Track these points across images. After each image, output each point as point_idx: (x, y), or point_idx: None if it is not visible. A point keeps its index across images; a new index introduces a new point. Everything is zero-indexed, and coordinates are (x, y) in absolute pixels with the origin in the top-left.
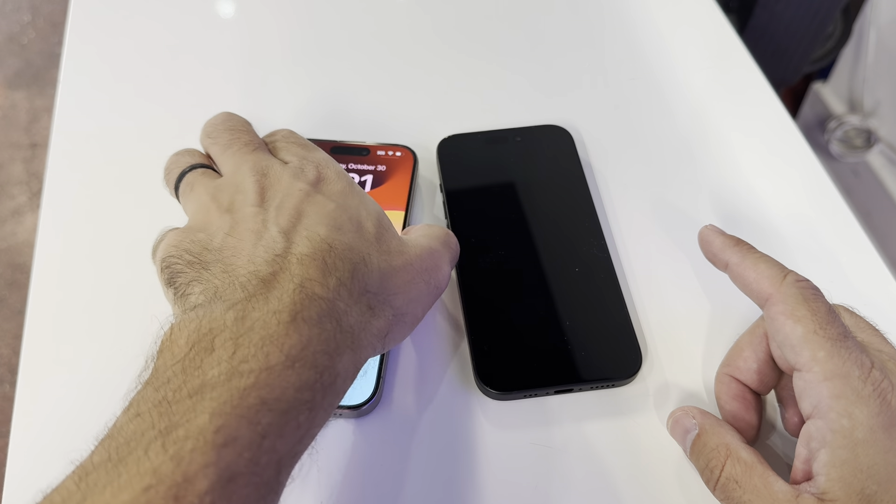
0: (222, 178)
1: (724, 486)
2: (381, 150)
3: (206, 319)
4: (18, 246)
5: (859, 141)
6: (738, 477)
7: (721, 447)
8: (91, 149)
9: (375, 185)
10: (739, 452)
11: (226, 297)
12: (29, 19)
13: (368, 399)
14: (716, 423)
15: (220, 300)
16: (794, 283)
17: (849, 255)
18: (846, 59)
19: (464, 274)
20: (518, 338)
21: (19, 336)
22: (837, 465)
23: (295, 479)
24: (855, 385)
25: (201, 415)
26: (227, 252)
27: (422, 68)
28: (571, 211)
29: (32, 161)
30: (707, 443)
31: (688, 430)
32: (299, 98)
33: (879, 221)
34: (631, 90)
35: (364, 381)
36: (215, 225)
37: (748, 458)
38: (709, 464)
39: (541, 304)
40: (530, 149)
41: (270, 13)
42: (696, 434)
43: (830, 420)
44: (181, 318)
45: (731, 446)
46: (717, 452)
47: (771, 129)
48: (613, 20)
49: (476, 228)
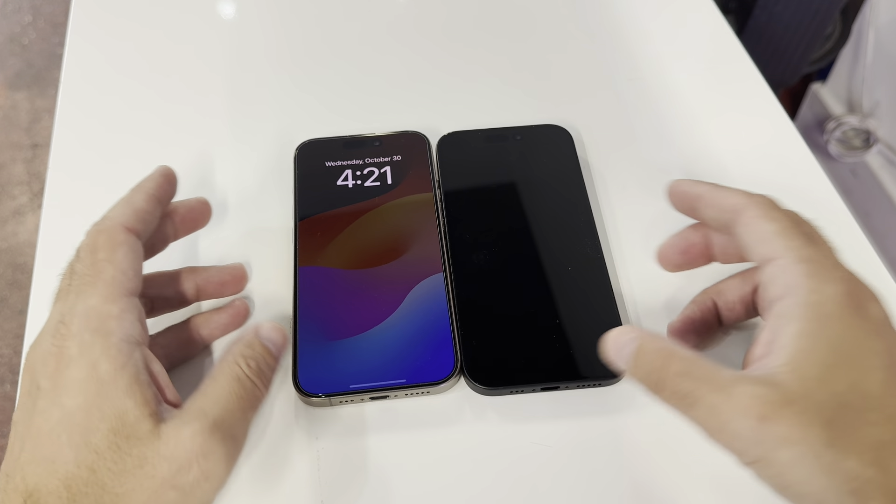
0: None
1: (671, 384)
2: (393, 138)
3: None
4: (20, 246)
5: (858, 141)
6: (685, 369)
7: (662, 350)
8: (92, 149)
9: (396, 175)
10: (681, 352)
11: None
12: (30, 20)
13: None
14: (654, 335)
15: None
16: (764, 197)
17: (848, 256)
18: (845, 60)
19: (456, 269)
20: (507, 333)
21: (20, 336)
22: (805, 336)
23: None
24: (828, 267)
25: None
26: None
27: (422, 65)
28: (568, 210)
29: (33, 161)
30: (647, 350)
31: (625, 344)
32: (300, 96)
33: (878, 222)
34: (630, 90)
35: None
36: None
37: (690, 354)
38: (651, 369)
39: (531, 302)
40: (529, 148)
41: (272, 12)
42: (636, 346)
43: (801, 296)
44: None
45: (672, 348)
46: (658, 355)
47: (770, 130)
48: (613, 21)
49: (471, 225)
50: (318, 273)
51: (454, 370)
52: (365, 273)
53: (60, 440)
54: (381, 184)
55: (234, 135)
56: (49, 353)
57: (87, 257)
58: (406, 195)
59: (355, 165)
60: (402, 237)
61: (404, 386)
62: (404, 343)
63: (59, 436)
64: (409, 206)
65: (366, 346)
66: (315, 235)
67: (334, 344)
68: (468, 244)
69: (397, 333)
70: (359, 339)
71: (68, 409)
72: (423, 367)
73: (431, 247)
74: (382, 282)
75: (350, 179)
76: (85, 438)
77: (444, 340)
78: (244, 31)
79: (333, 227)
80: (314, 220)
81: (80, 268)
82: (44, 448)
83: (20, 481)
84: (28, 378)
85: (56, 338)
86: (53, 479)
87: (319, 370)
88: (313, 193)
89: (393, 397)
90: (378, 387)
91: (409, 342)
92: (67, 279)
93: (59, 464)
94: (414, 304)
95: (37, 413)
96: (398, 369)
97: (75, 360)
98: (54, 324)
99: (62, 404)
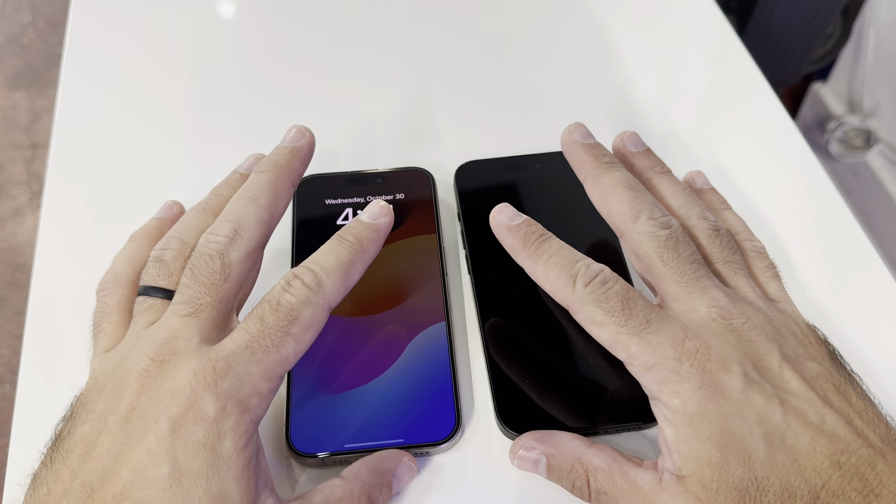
0: (122, 347)
1: (597, 499)
2: (396, 175)
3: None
4: (19, 246)
5: (859, 141)
6: (605, 488)
7: (576, 465)
8: (91, 149)
9: (398, 213)
10: (594, 462)
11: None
12: (29, 20)
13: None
14: (556, 443)
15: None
16: (584, 293)
17: (848, 256)
18: (846, 60)
19: (483, 307)
20: (540, 377)
21: (20, 336)
22: (683, 441)
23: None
24: (672, 366)
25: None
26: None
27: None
28: (595, 240)
29: (33, 161)
30: (561, 467)
31: (536, 461)
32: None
33: (879, 222)
34: (631, 91)
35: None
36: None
37: (603, 463)
38: (574, 484)
39: (564, 342)
40: (551, 175)
41: (276, 17)
42: (545, 463)
43: (664, 402)
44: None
45: (584, 459)
46: (575, 472)
47: (770, 130)
48: (614, 22)
49: (496, 259)
50: None
51: (455, 430)
52: (363, 321)
53: (162, 495)
54: None
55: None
56: (183, 394)
57: (284, 321)
58: (408, 236)
59: (357, 204)
60: (403, 283)
61: (402, 447)
62: (403, 399)
63: (164, 489)
64: (411, 248)
65: (362, 401)
66: None
67: (329, 399)
68: (494, 280)
69: (396, 388)
70: (355, 394)
71: (181, 468)
72: (423, 426)
73: (434, 294)
74: (382, 331)
75: (351, 219)
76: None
77: (446, 397)
78: (245, 30)
79: None
80: None
81: (271, 323)
82: (144, 492)
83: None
84: (139, 390)
85: (198, 380)
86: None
87: (313, 428)
88: (312, 233)
89: None
90: (374, 447)
91: (407, 398)
92: (257, 323)
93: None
94: (414, 356)
95: (144, 448)
96: (396, 428)
97: (206, 423)
98: (204, 360)
99: (176, 459)
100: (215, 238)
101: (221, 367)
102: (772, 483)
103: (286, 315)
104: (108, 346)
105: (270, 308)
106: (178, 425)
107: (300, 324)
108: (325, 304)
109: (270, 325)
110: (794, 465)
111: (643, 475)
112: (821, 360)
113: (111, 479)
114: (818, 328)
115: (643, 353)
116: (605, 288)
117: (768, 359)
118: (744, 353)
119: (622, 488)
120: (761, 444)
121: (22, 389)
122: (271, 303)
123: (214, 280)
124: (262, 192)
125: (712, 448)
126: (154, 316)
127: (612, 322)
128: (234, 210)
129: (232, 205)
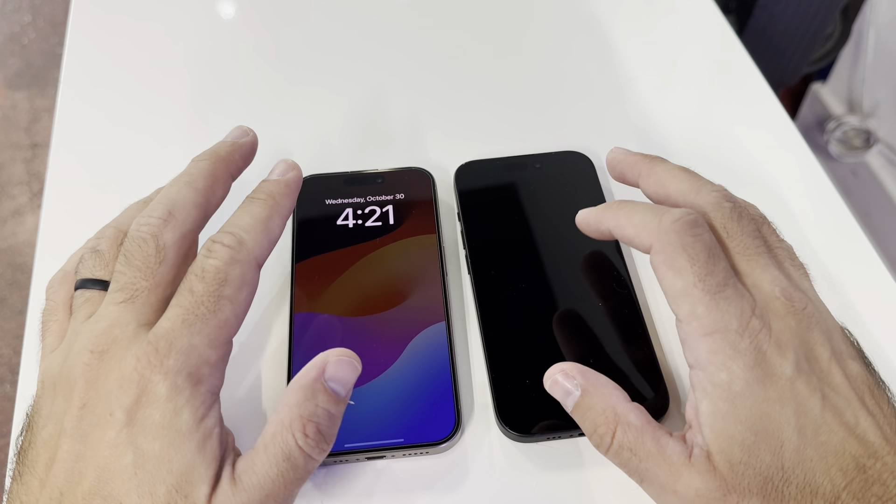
0: (64, 345)
1: (616, 453)
2: (396, 175)
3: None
4: (19, 246)
5: (858, 141)
6: (631, 444)
7: (608, 411)
8: (91, 149)
9: (398, 214)
10: (628, 417)
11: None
12: (29, 20)
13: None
14: (598, 384)
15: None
16: (671, 229)
17: (848, 256)
18: (845, 60)
19: (483, 307)
20: (540, 377)
21: (20, 336)
22: (719, 417)
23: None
24: (732, 339)
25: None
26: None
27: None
28: (594, 241)
29: (33, 161)
30: (592, 406)
31: (569, 392)
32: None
33: (878, 222)
34: (631, 92)
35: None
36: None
37: (637, 421)
38: (597, 429)
39: (564, 342)
40: (551, 176)
41: (276, 18)
42: (576, 397)
43: (710, 374)
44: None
45: (619, 410)
46: (604, 417)
47: (770, 130)
48: (613, 23)
49: (496, 259)
50: (315, 320)
51: (455, 430)
52: (364, 321)
53: (129, 484)
54: (382, 224)
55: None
56: (131, 381)
57: (213, 285)
58: (408, 236)
59: (357, 204)
60: (403, 282)
61: (401, 446)
62: (403, 399)
63: (130, 478)
64: (411, 248)
65: (362, 401)
66: (312, 279)
67: None
68: (493, 280)
69: (396, 388)
70: (355, 394)
71: (143, 453)
72: (423, 425)
73: (434, 293)
74: (382, 330)
75: (351, 219)
76: (152, 488)
77: (445, 397)
78: (245, 32)
79: (332, 270)
80: (312, 263)
81: (201, 291)
82: (112, 485)
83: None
84: (86, 386)
85: (143, 364)
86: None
87: None
88: (312, 233)
89: (390, 457)
90: (374, 447)
91: (407, 398)
92: (187, 295)
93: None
94: (414, 355)
95: (105, 443)
96: (396, 428)
97: (160, 403)
98: (144, 344)
99: (137, 445)
100: (148, 220)
101: (163, 346)
102: (797, 475)
103: (214, 279)
104: (54, 345)
105: (197, 277)
106: (133, 413)
107: (231, 284)
108: (252, 260)
109: (201, 293)
110: (822, 462)
111: (674, 445)
112: (860, 361)
113: (78, 480)
114: (850, 332)
115: (709, 316)
116: (694, 231)
117: (820, 350)
118: (800, 340)
119: (650, 451)
120: (795, 434)
121: (22, 389)
122: (196, 272)
123: (149, 263)
124: (199, 177)
125: (747, 431)
126: (92, 308)
127: (691, 272)
128: (169, 193)
129: (167, 189)
